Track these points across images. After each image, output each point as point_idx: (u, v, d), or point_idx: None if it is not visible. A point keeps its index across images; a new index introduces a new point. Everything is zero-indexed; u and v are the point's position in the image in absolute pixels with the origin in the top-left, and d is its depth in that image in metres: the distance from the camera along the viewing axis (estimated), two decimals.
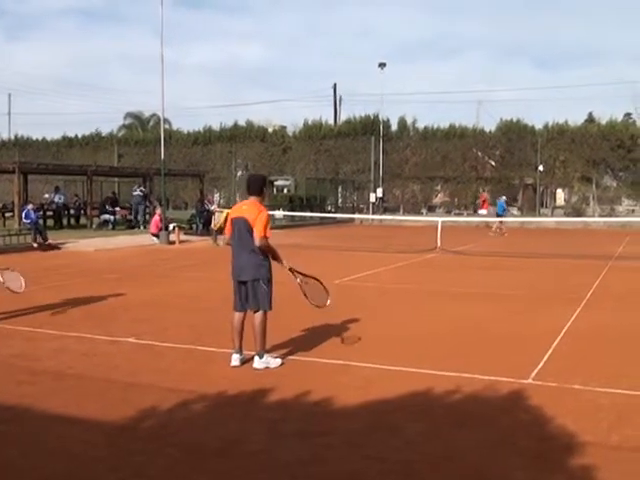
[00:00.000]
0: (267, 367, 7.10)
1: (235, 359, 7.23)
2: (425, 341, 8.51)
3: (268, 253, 7.15)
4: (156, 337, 8.50)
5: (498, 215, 31.29)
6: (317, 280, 7.74)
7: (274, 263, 7.28)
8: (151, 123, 64.01)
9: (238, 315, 7.29)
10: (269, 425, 5.47)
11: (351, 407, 5.90)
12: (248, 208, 7.24)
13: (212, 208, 28.12)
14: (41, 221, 26.60)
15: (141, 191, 30.51)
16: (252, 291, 7.15)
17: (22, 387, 6.48)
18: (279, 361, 7.26)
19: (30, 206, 23.89)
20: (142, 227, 28.87)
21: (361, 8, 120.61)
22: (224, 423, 5.56)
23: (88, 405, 5.92)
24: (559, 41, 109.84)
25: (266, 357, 7.17)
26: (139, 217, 30.14)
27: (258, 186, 7.42)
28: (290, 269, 7.49)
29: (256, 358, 7.16)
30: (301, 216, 33.60)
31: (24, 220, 23.16)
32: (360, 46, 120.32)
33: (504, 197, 32.75)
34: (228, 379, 6.72)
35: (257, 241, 7.04)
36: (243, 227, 7.13)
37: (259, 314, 7.16)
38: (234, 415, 5.76)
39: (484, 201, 35.95)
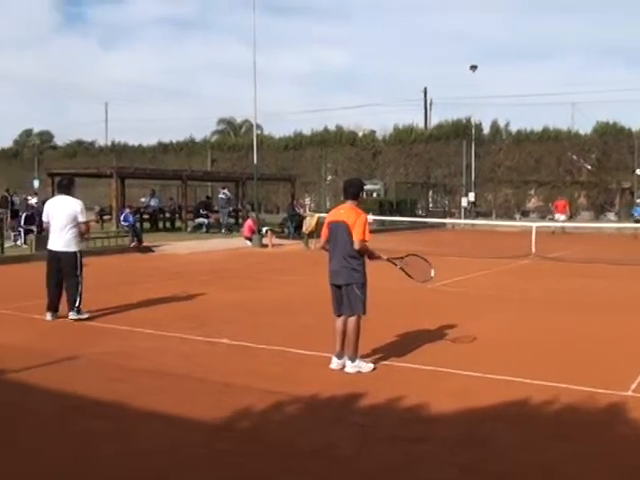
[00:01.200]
0: (359, 371, 7.09)
1: (334, 362, 7.27)
2: (520, 349, 8.34)
3: (366, 254, 7.20)
4: (250, 339, 8.62)
5: (637, 221, 30.86)
6: (415, 255, 7.83)
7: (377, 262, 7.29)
8: (243, 129, 65.07)
9: (338, 319, 7.31)
10: (361, 430, 5.47)
11: (444, 415, 5.83)
12: (346, 212, 7.26)
13: (303, 212, 28.38)
14: (138, 224, 27.42)
15: (225, 194, 30.67)
16: (346, 295, 7.17)
17: (117, 385, 6.68)
18: (371, 366, 7.23)
19: (128, 209, 24.68)
20: (224, 230, 28.82)
21: (452, 12, 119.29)
22: (317, 426, 5.59)
23: (184, 404, 6.05)
24: None
25: (358, 361, 7.17)
26: (223, 220, 30.03)
27: (355, 190, 7.45)
28: (388, 259, 7.58)
29: (348, 362, 7.16)
30: (391, 220, 33.45)
31: (122, 223, 23.94)
32: (451, 49, 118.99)
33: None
34: (321, 382, 6.75)
35: (356, 244, 7.07)
36: (341, 231, 7.16)
37: (353, 318, 7.16)
38: (327, 418, 5.78)
39: (563, 206, 34.93)
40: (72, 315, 9.85)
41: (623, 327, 9.79)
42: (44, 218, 10.26)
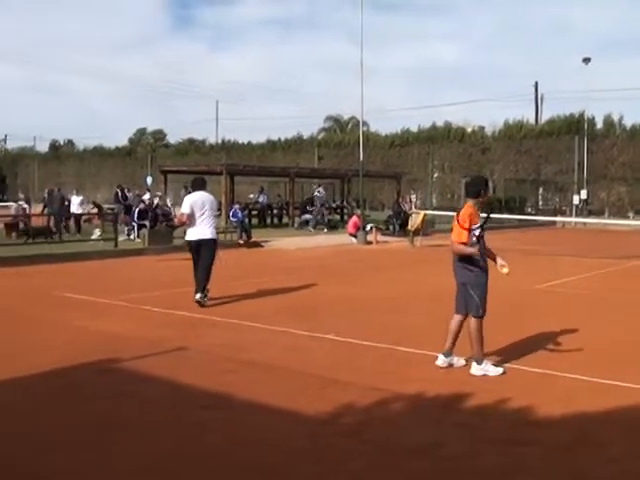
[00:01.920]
0: (485, 374, 6.90)
1: (440, 359, 7.18)
2: (633, 354, 7.99)
3: (461, 256, 6.96)
4: (355, 335, 8.63)
5: None
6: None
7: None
8: (349, 126, 65.32)
9: (456, 316, 7.22)
10: (467, 430, 5.36)
11: (554, 418, 5.65)
12: (461, 212, 7.11)
13: (408, 209, 28.19)
14: (247, 220, 27.96)
15: (319, 192, 30.60)
16: (462, 294, 7.07)
17: (226, 376, 6.82)
18: (500, 370, 6.98)
19: (237, 206, 25.20)
20: (312, 229, 28.32)
21: (563, 4, 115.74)
22: (421, 424, 5.53)
23: (289, 397, 6.11)
24: None
25: (485, 364, 6.98)
26: (318, 218, 29.60)
27: (475, 189, 7.21)
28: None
29: (474, 364, 7.01)
30: (499, 218, 32.79)
31: (231, 219, 24.46)
32: (562, 43, 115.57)
33: None
34: (426, 381, 6.68)
35: (451, 246, 6.99)
36: (454, 230, 7.08)
37: (472, 319, 7.02)
38: (431, 417, 5.72)
39: None
40: (199, 297, 10.77)
41: None
42: (186, 210, 11.09)
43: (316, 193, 30.72)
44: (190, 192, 11.54)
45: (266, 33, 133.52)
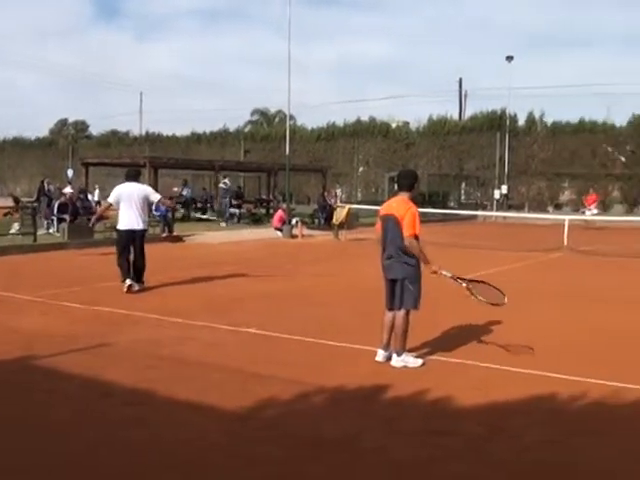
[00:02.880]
0: (405, 366, 6.98)
1: (380, 355, 7.21)
2: (552, 343, 8.22)
3: (414, 252, 6.95)
4: (277, 329, 8.62)
5: None
6: (485, 282, 7.56)
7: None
8: (276, 119, 65.20)
9: (388, 313, 7.22)
10: (387, 422, 5.42)
11: (470, 408, 5.76)
12: (397, 205, 7.12)
13: (333, 203, 28.33)
14: (170, 214, 27.58)
15: (225, 184, 29.95)
16: (399, 290, 7.06)
17: (148, 372, 6.72)
18: (420, 361, 7.09)
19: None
20: (225, 224, 27.52)
21: (487, 2, 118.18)
22: (342, 417, 5.56)
23: (209, 393, 6.06)
24: None
25: (405, 356, 7.07)
26: (226, 213, 28.60)
27: (408, 182, 7.27)
28: (452, 277, 7.30)
29: (394, 356, 7.08)
30: (422, 212, 33.26)
31: (154, 212, 24.08)
32: (485, 40, 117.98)
33: None
34: (347, 374, 6.72)
35: (406, 240, 6.92)
36: (392, 224, 7.04)
37: (402, 312, 7.05)
38: (352, 410, 5.75)
39: (593, 200, 34.52)
40: (137, 286, 11.36)
41: None
42: (110, 200, 11.81)
43: (221, 185, 30.12)
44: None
45: (192, 24, 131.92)
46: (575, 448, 4.97)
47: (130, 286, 11.23)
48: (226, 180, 30.41)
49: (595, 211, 33.48)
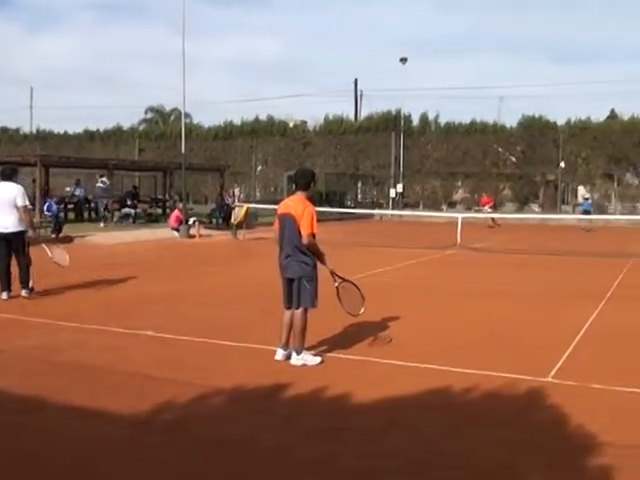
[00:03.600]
0: (305, 364, 7.04)
1: (279, 353, 7.23)
2: (444, 339, 8.48)
3: (312, 252, 7.06)
4: (174, 331, 8.52)
5: (586, 212, 32.04)
6: (355, 286, 7.66)
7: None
8: (172, 117, 64.14)
9: (287, 312, 7.24)
10: (286, 421, 5.46)
11: (369, 403, 5.87)
12: (294, 204, 7.15)
13: (231, 202, 28.19)
14: (62, 214, 26.77)
15: (103, 182, 28.74)
16: (296, 289, 7.09)
17: (41, 379, 6.52)
18: (318, 359, 7.15)
19: (53, 199, 24.06)
20: (103, 224, 26.44)
21: (380, 3, 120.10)
22: (240, 418, 5.56)
23: (107, 398, 5.93)
24: (576, 37, 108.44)
25: (304, 354, 7.11)
26: (100, 212, 27.59)
27: (306, 181, 7.31)
28: (332, 272, 7.41)
29: (293, 354, 7.12)
30: (319, 211, 33.55)
31: (45, 213, 23.34)
32: (381, 42, 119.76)
33: (588, 194, 35.20)
34: (246, 374, 6.72)
35: (304, 239, 6.96)
36: (289, 224, 7.06)
37: (299, 311, 7.10)
38: (250, 410, 5.76)
39: (487, 199, 35.03)
40: (25, 293, 10.67)
41: (544, 315, 10.06)
42: None
43: (99, 184, 28.97)
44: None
45: (87, 17, 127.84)
46: (473, 439, 5.15)
47: (26, 298, 10.55)
48: (104, 179, 29.01)
49: (489, 210, 34.19)
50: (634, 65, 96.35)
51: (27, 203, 10.75)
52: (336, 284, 7.51)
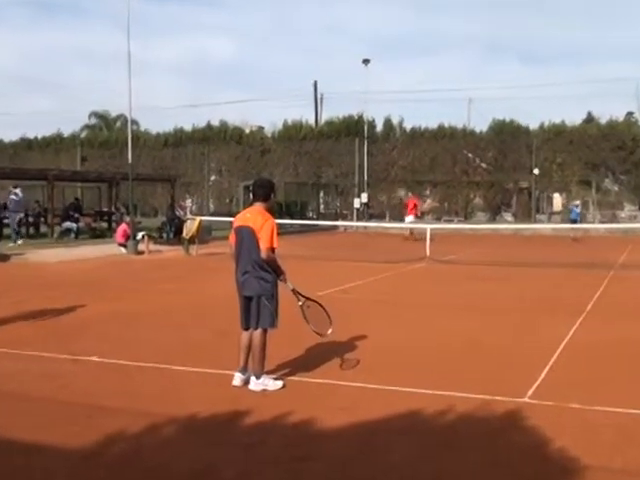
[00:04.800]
0: (265, 389, 7.02)
1: (237, 378, 7.20)
2: (415, 358, 8.54)
3: (271, 267, 7.07)
4: (123, 356, 8.45)
5: (573, 222, 32.04)
6: (321, 306, 7.68)
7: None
8: (118, 124, 63.72)
9: (245, 333, 7.22)
10: (245, 450, 5.45)
11: (334, 430, 5.90)
12: (252, 216, 7.16)
13: (183, 215, 28.08)
14: None
15: (15, 195, 27.34)
16: (255, 307, 7.08)
17: None
18: (280, 383, 7.15)
19: None
20: (15, 242, 24.84)
21: (339, 3, 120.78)
22: (196, 448, 5.53)
23: (50, 430, 5.87)
24: (548, 38, 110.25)
25: (264, 378, 7.10)
26: (15, 230, 26.12)
27: (264, 191, 7.33)
28: (293, 290, 7.42)
29: (252, 379, 7.10)
30: (280, 223, 33.58)
31: None
32: (341, 43, 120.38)
33: (578, 201, 35.38)
34: (202, 401, 6.69)
35: (263, 253, 6.96)
36: (247, 237, 7.06)
37: (258, 332, 7.09)
38: (207, 440, 5.74)
39: (413, 206, 32.01)
40: None
41: (520, 331, 10.19)
42: None
43: (11, 196, 27.70)
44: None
45: (21, 15, 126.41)
46: (447, 463, 5.20)
47: None
48: (17, 190, 27.81)
49: (411, 218, 31.50)
50: (612, 65, 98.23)
51: None
52: (300, 303, 7.52)
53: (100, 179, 37.30)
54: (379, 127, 47.03)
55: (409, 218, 31.51)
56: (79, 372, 7.86)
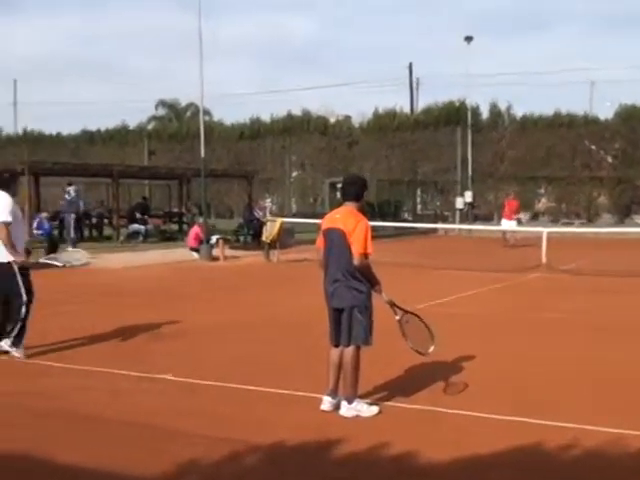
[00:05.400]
0: (358, 415, 6.97)
1: (326, 402, 7.17)
2: (533, 383, 8.36)
3: (365, 276, 7.05)
4: (198, 374, 8.56)
5: None
6: (422, 320, 7.62)
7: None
8: (188, 113, 64.93)
9: (335, 350, 7.21)
10: None
11: (440, 465, 5.80)
12: (343, 217, 7.16)
13: (262, 216, 28.30)
14: (56, 232, 27.09)
15: (68, 193, 27.94)
16: (346, 321, 7.05)
17: (27, 432, 6.57)
18: (375, 409, 7.09)
19: (43, 214, 24.39)
20: (72, 248, 24.76)
21: None
22: None
23: (118, 456, 5.97)
24: None
25: (357, 403, 7.06)
26: (70, 234, 26.78)
27: (355, 189, 7.34)
28: (389, 302, 7.37)
29: (344, 403, 7.06)
30: (372, 226, 33.47)
31: (35, 231, 23.66)
32: (438, 18, 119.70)
33: None
34: (287, 427, 6.70)
35: (356, 259, 6.94)
36: (337, 241, 7.06)
37: (350, 349, 7.05)
38: (292, 472, 5.74)
39: (512, 208, 31.03)
40: (5, 345, 9.55)
41: None
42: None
43: (66, 196, 28.68)
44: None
45: None
46: None
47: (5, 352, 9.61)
48: (70, 188, 28.52)
49: (513, 223, 30.56)
50: None
51: (5, 219, 9.34)
52: (397, 317, 7.46)
53: (169, 176, 37.94)
54: (484, 114, 46.55)
55: (511, 223, 30.32)
56: (151, 391, 7.99)
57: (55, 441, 6.34)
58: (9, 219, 9.34)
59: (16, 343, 9.54)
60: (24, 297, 9.54)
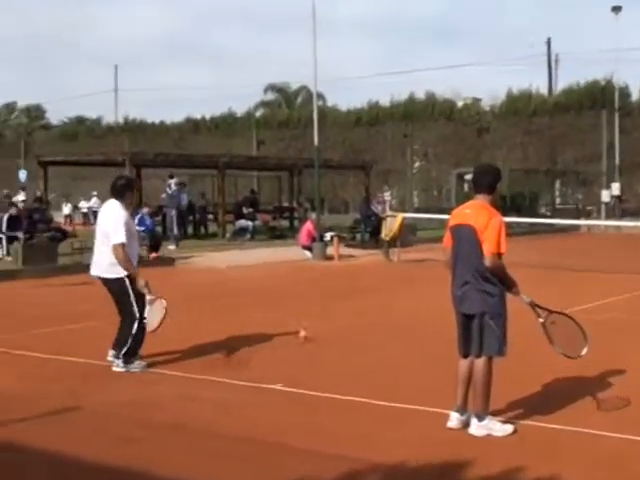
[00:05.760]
0: (489, 434, 6.90)
1: (453, 418, 7.10)
2: None
3: (498, 278, 6.95)
4: (313, 385, 8.59)
5: None
6: (572, 319, 7.48)
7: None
8: (299, 99, 65.48)
9: (463, 361, 7.16)
10: None
11: None
12: (473, 212, 7.08)
13: (381, 211, 28.29)
14: (159, 228, 27.62)
15: (169, 187, 28.68)
16: (477, 329, 6.99)
17: (132, 445, 6.71)
18: (509, 428, 6.99)
19: (145, 209, 24.89)
20: (175, 246, 26.25)
21: None
22: None
23: (225, 472, 6.06)
24: None
25: (489, 420, 6.98)
26: (172, 230, 27.80)
27: (488, 181, 7.26)
28: (530, 303, 7.27)
29: (474, 421, 6.99)
30: (506, 222, 33.11)
31: (138, 227, 24.16)
32: None
33: None
34: (409, 446, 6.66)
35: (488, 260, 6.85)
36: (467, 239, 7.00)
37: (482, 360, 6.98)
38: None
39: None
40: (115, 365, 9.61)
41: None
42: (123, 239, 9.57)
43: (167, 190, 29.53)
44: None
45: None
46: None
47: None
48: (171, 181, 29.26)
49: None
50: None
51: (121, 240, 9.35)
52: (541, 320, 7.32)
53: (279, 167, 38.29)
54: (634, 95, 45.54)
55: None
56: (260, 403, 8.07)
57: (168, 456, 6.47)
58: (124, 239, 9.37)
59: (127, 361, 9.58)
60: (136, 315, 9.61)
